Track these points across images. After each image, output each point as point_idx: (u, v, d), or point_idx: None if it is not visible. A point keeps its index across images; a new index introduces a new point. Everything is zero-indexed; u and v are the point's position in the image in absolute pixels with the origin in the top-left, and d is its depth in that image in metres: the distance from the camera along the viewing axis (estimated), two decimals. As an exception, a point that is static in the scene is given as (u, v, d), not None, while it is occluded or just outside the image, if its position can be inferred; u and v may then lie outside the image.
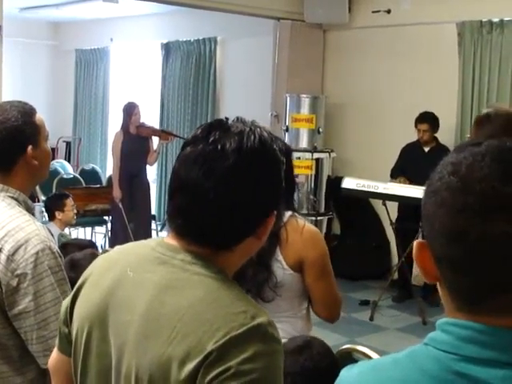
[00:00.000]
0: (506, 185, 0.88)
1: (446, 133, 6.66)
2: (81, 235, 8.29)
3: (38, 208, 7.11)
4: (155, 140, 7.56)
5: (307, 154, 7.43)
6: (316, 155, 7.48)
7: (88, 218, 7.83)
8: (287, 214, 2.32)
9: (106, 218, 8.03)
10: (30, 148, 2.01)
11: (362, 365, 1.03)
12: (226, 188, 1.24)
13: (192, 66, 9.55)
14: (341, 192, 6.51)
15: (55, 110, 11.00)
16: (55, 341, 1.52)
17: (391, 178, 6.66)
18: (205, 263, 1.27)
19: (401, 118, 7.26)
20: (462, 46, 6.88)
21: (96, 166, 9.98)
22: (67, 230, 6.31)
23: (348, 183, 6.41)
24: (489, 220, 0.87)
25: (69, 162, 10.93)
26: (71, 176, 9.00)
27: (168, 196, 1.34)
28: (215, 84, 9.33)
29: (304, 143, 7.62)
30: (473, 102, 6.83)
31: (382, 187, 6.18)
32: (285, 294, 2.36)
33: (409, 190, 5.99)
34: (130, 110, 7.40)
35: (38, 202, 7.96)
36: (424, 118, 6.50)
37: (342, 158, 7.89)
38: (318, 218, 7.44)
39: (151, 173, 8.70)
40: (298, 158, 7.34)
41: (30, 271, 1.87)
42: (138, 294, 1.28)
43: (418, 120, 6.52)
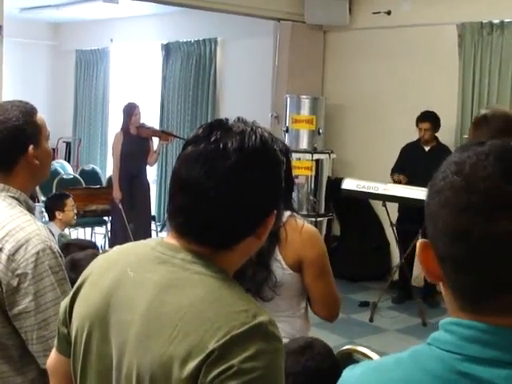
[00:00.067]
0: (509, 184, 0.88)
1: (446, 134, 6.66)
2: (80, 236, 8.29)
3: (37, 208, 7.11)
4: (155, 141, 7.56)
5: (307, 154, 7.43)
6: (316, 156, 7.47)
7: (88, 219, 7.83)
8: (286, 214, 2.33)
9: (106, 219, 8.04)
10: (31, 148, 2.01)
11: (365, 365, 1.03)
12: (227, 187, 1.25)
13: (192, 67, 9.55)
14: (341, 193, 6.51)
15: (55, 111, 11.00)
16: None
17: (391, 177, 6.65)
18: (205, 262, 1.27)
19: (401, 119, 7.26)
20: (463, 47, 6.88)
21: (96, 167, 9.97)
22: (67, 231, 6.30)
23: (348, 184, 6.41)
24: (492, 219, 0.87)
25: (69, 162, 10.93)
26: (71, 176, 9.00)
27: (169, 195, 1.34)
28: (215, 85, 9.33)
29: (304, 144, 7.62)
30: (473, 103, 6.83)
31: (382, 188, 6.18)
32: (284, 293, 2.37)
33: (409, 191, 5.98)
34: (130, 111, 7.39)
35: (38, 202, 7.95)
36: (425, 117, 6.51)
37: (342, 159, 7.89)
38: (318, 219, 7.44)
39: (151, 173, 8.69)
40: (298, 159, 7.34)
41: (31, 271, 1.87)
42: (138, 294, 1.28)
43: (420, 119, 6.53)
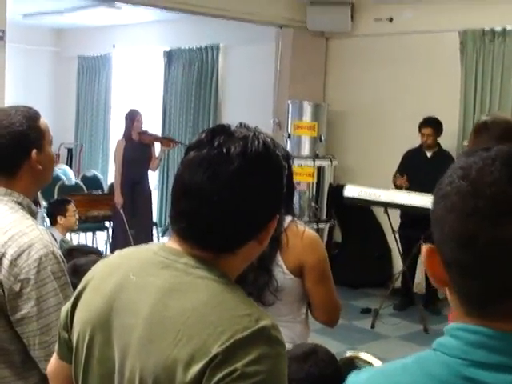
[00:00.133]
0: (516, 189, 0.88)
1: (449, 140, 6.67)
2: (82, 241, 8.30)
3: (39, 213, 7.10)
4: (157, 147, 7.56)
5: (309, 161, 7.43)
6: (318, 163, 7.47)
7: (89, 224, 7.83)
8: (287, 220, 2.35)
9: (107, 224, 8.04)
10: (34, 152, 2.01)
11: (370, 370, 1.03)
12: (230, 192, 1.25)
13: (194, 73, 9.57)
14: (342, 200, 6.50)
15: (57, 117, 11.00)
16: None
17: (393, 183, 6.63)
18: (208, 267, 1.27)
19: (403, 125, 7.26)
20: (464, 54, 6.88)
21: (97, 173, 9.97)
22: (68, 236, 6.31)
23: (350, 191, 6.40)
24: (499, 224, 0.87)
25: (70, 168, 10.93)
26: (73, 182, 9.00)
27: (171, 200, 1.34)
28: (217, 91, 9.34)
29: (306, 150, 7.61)
30: (475, 110, 6.84)
31: (384, 195, 6.16)
32: (285, 298, 2.39)
33: (411, 198, 5.97)
34: (132, 117, 7.41)
35: (40, 207, 7.95)
36: (428, 122, 6.52)
37: (344, 165, 7.88)
38: (320, 225, 7.43)
39: (153, 179, 8.70)
40: (300, 166, 7.34)
41: (33, 276, 1.86)
42: (141, 298, 1.28)
43: (422, 124, 6.54)
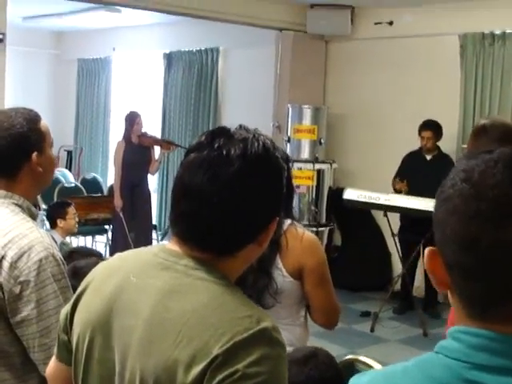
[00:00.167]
0: (518, 191, 0.88)
1: (448, 143, 6.67)
2: (81, 244, 8.28)
3: (38, 216, 7.09)
4: (157, 150, 7.56)
5: (309, 164, 7.42)
6: (317, 166, 7.46)
7: (89, 227, 7.83)
8: (287, 223, 2.36)
9: (107, 227, 8.03)
10: (34, 155, 2.01)
11: (372, 373, 1.02)
12: (230, 193, 1.25)
13: (194, 76, 9.56)
14: (342, 203, 6.50)
15: (57, 119, 10.99)
16: None
17: (392, 186, 6.63)
18: (208, 268, 1.28)
19: (403, 129, 7.26)
20: (464, 57, 6.89)
21: (97, 176, 9.98)
22: (68, 239, 6.30)
23: (349, 194, 6.39)
24: (501, 227, 0.87)
25: (70, 170, 10.92)
26: (72, 185, 9.01)
27: (171, 202, 1.35)
28: (217, 94, 9.34)
29: (306, 154, 7.62)
30: (474, 113, 6.84)
31: (384, 198, 6.16)
32: (284, 301, 2.39)
33: (410, 202, 5.97)
34: (132, 120, 7.41)
35: (40, 210, 7.95)
36: (428, 125, 6.52)
37: (344, 168, 7.89)
38: (319, 228, 7.42)
39: (152, 182, 8.70)
40: (300, 169, 7.34)
41: (33, 278, 1.86)
42: (141, 299, 1.28)
43: (422, 127, 6.54)
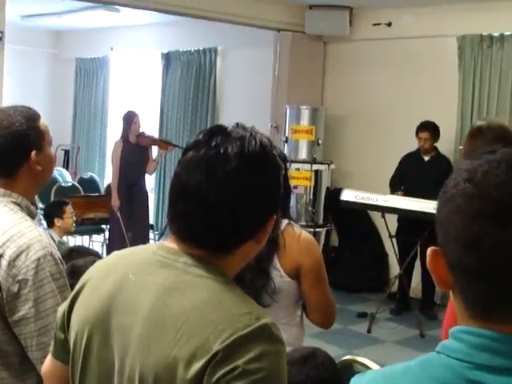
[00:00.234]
0: (522, 191, 0.87)
1: (446, 145, 6.68)
2: (78, 243, 8.27)
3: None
4: (154, 149, 7.56)
5: (306, 165, 7.43)
6: (315, 167, 7.47)
7: (86, 227, 7.82)
8: (284, 223, 2.37)
9: (104, 227, 8.02)
10: (33, 153, 2.00)
11: (373, 373, 1.02)
12: (227, 191, 1.26)
13: (192, 76, 9.56)
14: (339, 204, 6.50)
15: (54, 118, 10.94)
16: None
17: (390, 187, 6.65)
18: (207, 266, 1.28)
19: (400, 130, 7.27)
20: (463, 59, 6.90)
21: (94, 175, 9.97)
22: (65, 239, 6.29)
23: (347, 195, 6.40)
24: (504, 227, 0.87)
25: (67, 170, 10.91)
26: (70, 184, 9.00)
27: (169, 200, 1.35)
28: (215, 94, 9.34)
29: (303, 154, 7.62)
30: (472, 115, 6.85)
31: (381, 199, 6.17)
32: (282, 300, 2.40)
33: (408, 203, 5.97)
34: (130, 119, 7.40)
35: (37, 209, 7.92)
36: (425, 127, 6.54)
37: (341, 169, 7.89)
38: (317, 229, 7.43)
39: (150, 182, 8.69)
40: (298, 170, 7.35)
41: (31, 277, 1.86)
42: (140, 297, 1.28)
43: (420, 128, 6.55)
